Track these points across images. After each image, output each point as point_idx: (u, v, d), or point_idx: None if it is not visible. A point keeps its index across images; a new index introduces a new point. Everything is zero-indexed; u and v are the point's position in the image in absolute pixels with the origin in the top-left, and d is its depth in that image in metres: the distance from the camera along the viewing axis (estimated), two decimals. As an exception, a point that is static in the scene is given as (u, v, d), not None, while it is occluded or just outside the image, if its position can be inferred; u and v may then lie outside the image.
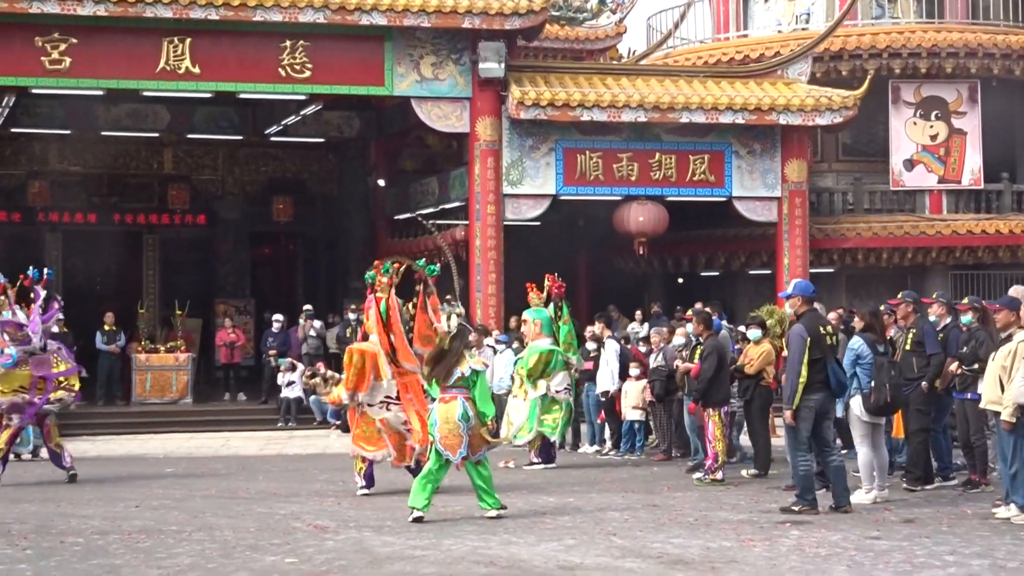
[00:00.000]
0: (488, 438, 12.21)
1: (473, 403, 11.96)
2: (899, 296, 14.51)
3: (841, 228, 26.17)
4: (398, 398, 13.78)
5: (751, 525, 11.38)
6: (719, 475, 14.72)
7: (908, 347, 13.92)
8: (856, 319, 14.06)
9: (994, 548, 10.14)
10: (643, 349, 19.02)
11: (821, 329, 12.29)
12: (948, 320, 14.16)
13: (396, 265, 13.82)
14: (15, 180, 29.15)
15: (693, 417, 16.03)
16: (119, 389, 25.15)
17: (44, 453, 18.94)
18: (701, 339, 15.57)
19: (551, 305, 17.42)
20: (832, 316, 13.97)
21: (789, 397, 12.14)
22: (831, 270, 26.27)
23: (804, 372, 12.02)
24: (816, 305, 13.10)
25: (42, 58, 21.63)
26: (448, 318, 12.39)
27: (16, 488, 15.08)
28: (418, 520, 11.53)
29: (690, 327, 17.04)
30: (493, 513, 11.88)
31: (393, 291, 13.52)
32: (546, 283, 17.57)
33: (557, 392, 17.09)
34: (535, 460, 17.04)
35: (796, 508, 12.10)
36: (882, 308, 14.51)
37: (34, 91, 24.01)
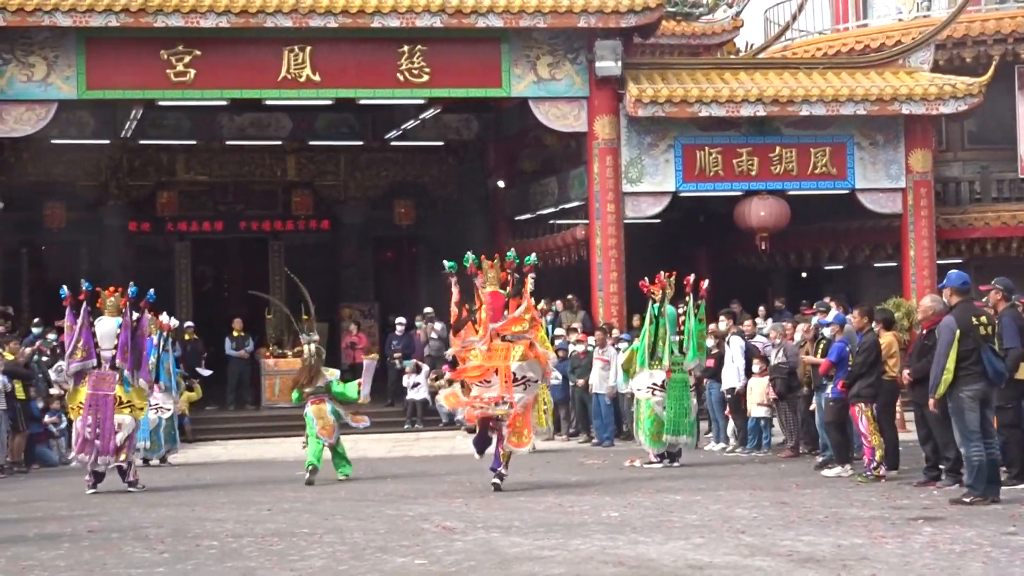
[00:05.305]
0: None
1: (337, 402, 16.08)
2: (991, 283, 13.95)
3: (968, 218, 25.66)
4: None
5: (882, 522, 11.22)
6: (882, 470, 14.35)
7: None
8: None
9: None
10: (759, 344, 18.87)
11: (973, 320, 12.23)
12: (1004, 307, 13.45)
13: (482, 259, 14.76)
14: (144, 191, 29.74)
15: (822, 412, 15.84)
16: (249, 394, 25.61)
17: (172, 458, 19.45)
18: (862, 334, 14.60)
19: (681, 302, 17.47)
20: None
21: (933, 387, 12.22)
22: (959, 261, 25.72)
23: (951, 365, 12.01)
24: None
25: (167, 71, 22.08)
26: (308, 344, 16.15)
27: (151, 493, 15.44)
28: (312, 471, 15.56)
29: (815, 320, 16.87)
30: (343, 477, 16.01)
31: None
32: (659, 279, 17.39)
33: (638, 391, 17.10)
34: (654, 459, 16.98)
35: (967, 500, 11.98)
36: None
37: (161, 103, 24.52)
